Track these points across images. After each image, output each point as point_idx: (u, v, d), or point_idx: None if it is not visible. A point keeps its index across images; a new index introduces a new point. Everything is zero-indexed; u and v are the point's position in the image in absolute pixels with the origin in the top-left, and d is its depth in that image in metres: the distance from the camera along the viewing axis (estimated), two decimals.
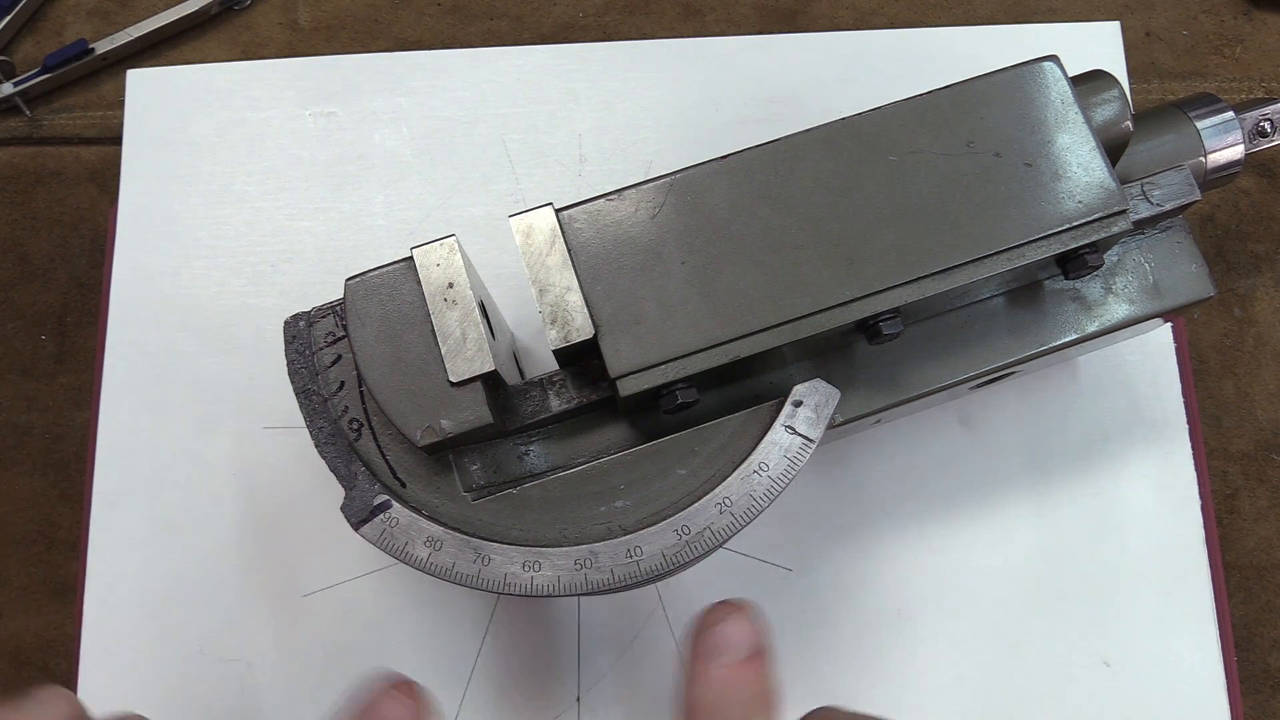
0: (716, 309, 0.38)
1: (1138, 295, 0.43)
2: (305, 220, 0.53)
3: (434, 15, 0.59)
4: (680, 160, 0.41)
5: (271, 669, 0.48)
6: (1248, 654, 0.49)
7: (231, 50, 0.58)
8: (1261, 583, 0.50)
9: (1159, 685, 0.47)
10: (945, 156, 0.40)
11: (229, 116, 0.55)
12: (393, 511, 0.38)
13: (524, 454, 0.41)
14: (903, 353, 0.42)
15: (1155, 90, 0.57)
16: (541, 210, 0.39)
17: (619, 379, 0.38)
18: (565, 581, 0.37)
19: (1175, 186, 0.42)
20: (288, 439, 0.50)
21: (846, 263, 0.39)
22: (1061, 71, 0.40)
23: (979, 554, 0.49)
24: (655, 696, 0.47)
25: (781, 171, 0.39)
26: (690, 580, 0.48)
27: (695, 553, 0.37)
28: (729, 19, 0.58)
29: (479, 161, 0.54)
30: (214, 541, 0.49)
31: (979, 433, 0.50)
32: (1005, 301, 0.43)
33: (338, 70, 0.56)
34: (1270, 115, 0.45)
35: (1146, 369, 0.51)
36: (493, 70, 0.55)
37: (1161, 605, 0.48)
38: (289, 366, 0.40)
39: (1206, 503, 0.49)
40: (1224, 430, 0.52)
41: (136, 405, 0.51)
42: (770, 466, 0.38)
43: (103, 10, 0.59)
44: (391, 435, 0.40)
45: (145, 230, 0.53)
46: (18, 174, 0.56)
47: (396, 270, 0.39)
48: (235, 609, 0.48)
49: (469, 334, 0.38)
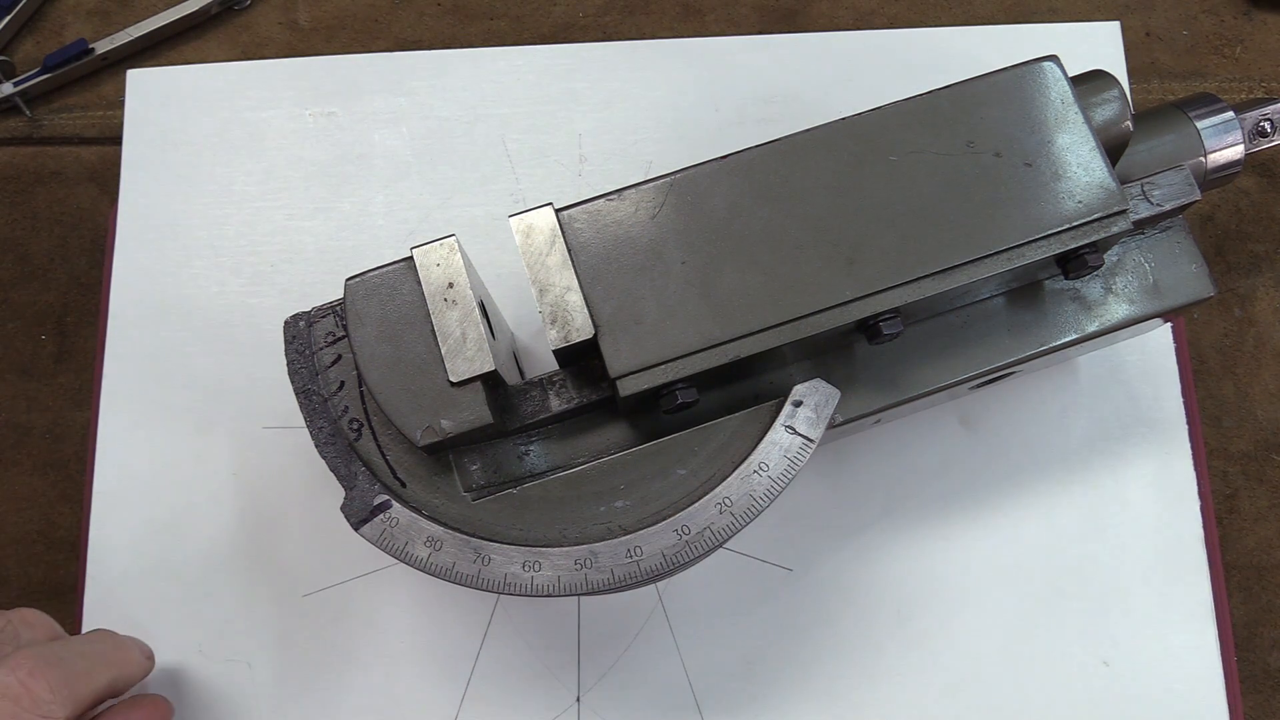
0: (716, 309, 0.38)
1: (1138, 295, 0.43)
2: (305, 220, 0.53)
3: (434, 15, 0.59)
4: (680, 160, 0.41)
5: (271, 669, 0.48)
6: (1248, 654, 0.49)
7: (231, 50, 0.58)
8: (1261, 583, 0.50)
9: (1159, 685, 0.47)
10: (945, 156, 0.40)
11: (229, 116, 0.55)
12: (393, 511, 0.38)
13: (524, 454, 0.41)
14: (903, 353, 0.42)
15: (1155, 90, 0.57)
16: (541, 210, 0.39)
17: (619, 379, 0.38)
18: (565, 581, 0.37)
19: (1175, 186, 0.42)
20: (288, 439, 0.50)
21: (846, 263, 0.39)
22: (1061, 71, 0.40)
23: (979, 554, 0.49)
24: (655, 696, 0.47)
25: (781, 171, 0.39)
26: (690, 580, 0.48)
27: (695, 553, 0.37)
28: (729, 19, 0.58)
29: (479, 161, 0.54)
30: (214, 541, 0.49)
31: (979, 433, 0.50)
32: (1005, 301, 0.43)
33: (338, 70, 0.56)
34: (1270, 115, 0.45)
35: (1146, 369, 0.51)
36: (493, 70, 0.55)
37: (1161, 605, 0.48)
38: (289, 366, 0.40)
39: (1206, 503, 0.49)
40: (1224, 430, 0.52)
41: (136, 405, 0.51)
42: (770, 466, 0.38)
43: (103, 10, 0.59)
44: (391, 435, 0.40)
45: (145, 230, 0.53)
46: (18, 174, 0.56)
47: (396, 270, 0.39)
48: (235, 609, 0.48)
49: (469, 334, 0.38)
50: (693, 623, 0.48)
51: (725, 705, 0.47)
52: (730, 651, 0.48)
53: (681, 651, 0.48)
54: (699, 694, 0.47)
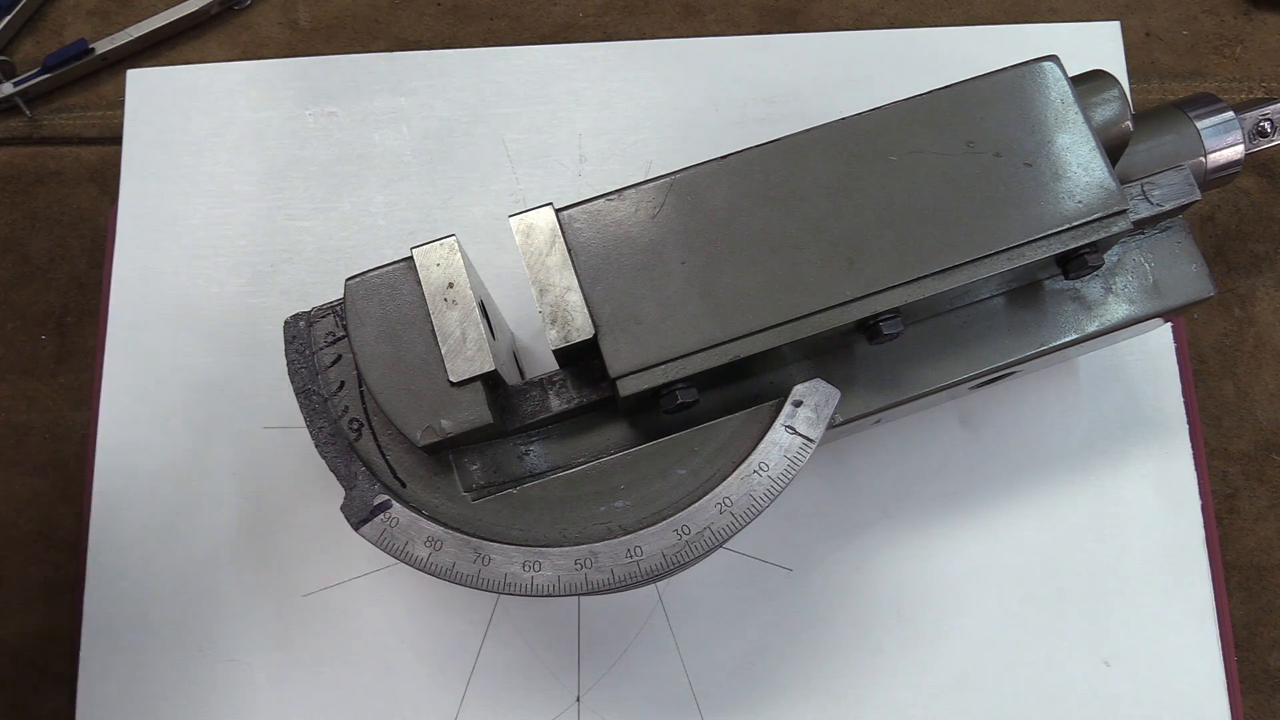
0: (716, 309, 0.38)
1: (1138, 295, 0.43)
2: (305, 220, 0.53)
3: (434, 15, 0.59)
4: (680, 160, 0.41)
5: (271, 669, 0.48)
6: (1248, 654, 0.49)
7: (231, 50, 0.58)
8: (1261, 583, 0.50)
9: (1159, 685, 0.47)
10: (945, 156, 0.40)
11: (229, 116, 0.55)
12: (393, 511, 0.38)
13: (524, 454, 0.41)
14: (903, 353, 0.42)
15: (1155, 90, 0.57)
16: (541, 210, 0.39)
17: (619, 379, 0.38)
18: (565, 581, 0.37)
19: (1175, 186, 0.42)
20: (288, 439, 0.50)
21: (846, 263, 0.39)
22: (1061, 71, 0.40)
23: (979, 554, 0.49)
24: (655, 696, 0.47)
25: (781, 171, 0.39)
26: (690, 580, 0.48)
27: (695, 553, 0.37)
28: (729, 19, 0.58)
29: (479, 161, 0.54)
30: (214, 541, 0.49)
31: (979, 433, 0.50)
32: (1005, 301, 0.43)
33: (338, 70, 0.56)
34: (1270, 115, 0.45)
35: (1146, 369, 0.51)
36: (493, 70, 0.55)
37: (1161, 605, 0.48)
38: (289, 366, 0.40)
39: (1206, 503, 0.49)
40: (1224, 430, 0.52)
41: (136, 405, 0.51)
42: (770, 466, 0.38)
43: (103, 10, 0.59)
44: (391, 435, 0.40)
45: (145, 230, 0.53)
46: (18, 174, 0.56)
47: (396, 270, 0.39)
48: (235, 609, 0.48)
49: (469, 334, 0.38)
50: (693, 623, 0.48)
51: (725, 705, 0.47)
52: (730, 651, 0.48)
53: (681, 651, 0.48)
54: (699, 694, 0.47)
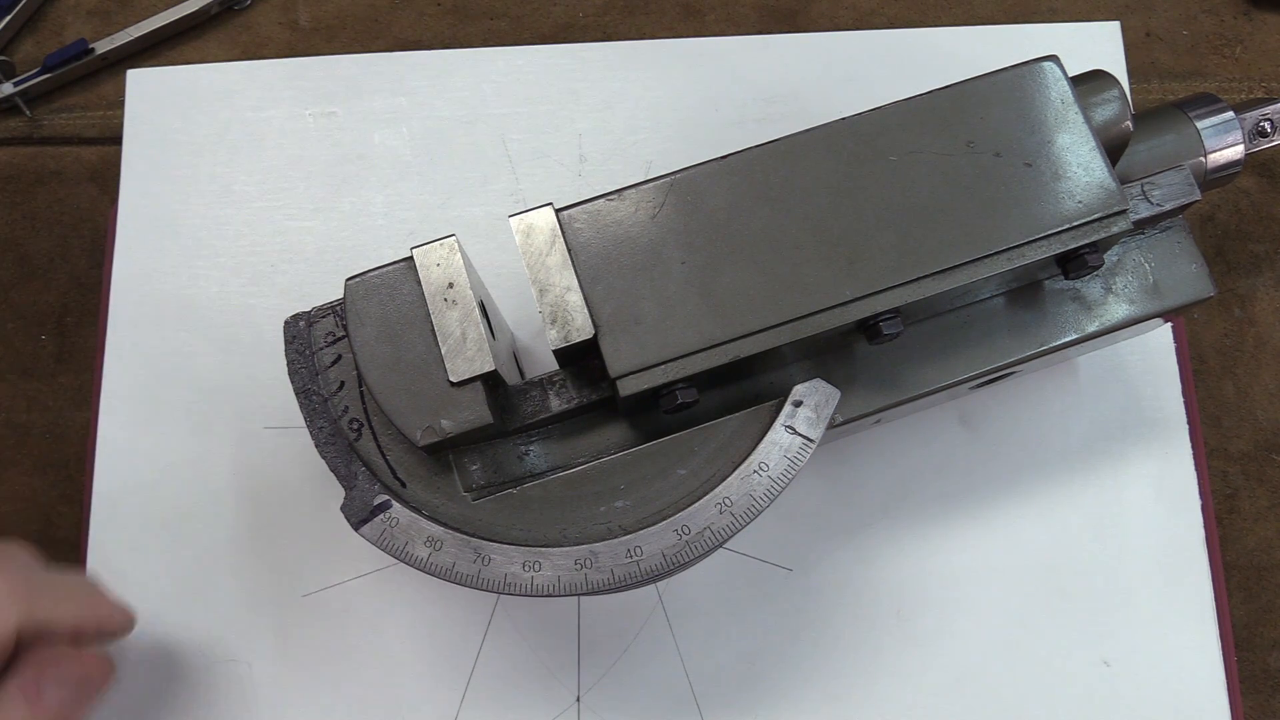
0: (716, 309, 0.38)
1: (1138, 295, 0.43)
2: (305, 220, 0.53)
3: (434, 15, 0.59)
4: (680, 160, 0.41)
5: (271, 669, 0.48)
6: (1248, 654, 0.49)
7: (231, 50, 0.58)
8: (1261, 583, 0.50)
9: (1159, 685, 0.47)
10: (945, 156, 0.40)
11: (229, 116, 0.55)
12: (393, 511, 0.38)
13: (524, 454, 0.41)
14: (903, 353, 0.42)
15: (1155, 90, 0.57)
16: (541, 210, 0.39)
17: (619, 379, 0.38)
18: (565, 581, 0.37)
19: (1175, 186, 0.42)
20: (288, 439, 0.50)
21: (846, 263, 0.39)
22: (1061, 71, 0.40)
23: (979, 554, 0.49)
24: (655, 696, 0.47)
25: (781, 171, 0.39)
26: (690, 580, 0.48)
27: (695, 553, 0.37)
28: (729, 19, 0.58)
29: (479, 161, 0.54)
30: (214, 541, 0.49)
31: (979, 433, 0.50)
32: (1005, 301, 0.43)
33: (338, 70, 0.56)
34: (1270, 115, 0.45)
35: (1146, 369, 0.51)
36: (493, 70, 0.55)
37: (1161, 605, 0.48)
38: (289, 366, 0.40)
39: (1206, 502, 0.49)
40: (1224, 430, 0.52)
41: (136, 405, 0.51)
42: (770, 466, 0.38)
43: (103, 10, 0.59)
44: (391, 435, 0.40)
45: (145, 230, 0.53)
46: (18, 174, 0.56)
47: (396, 270, 0.39)
48: (235, 609, 0.48)
49: (469, 334, 0.38)
50: (693, 623, 0.48)
51: (725, 705, 0.47)
52: (730, 651, 0.48)
53: (681, 651, 0.48)
54: (699, 694, 0.47)
